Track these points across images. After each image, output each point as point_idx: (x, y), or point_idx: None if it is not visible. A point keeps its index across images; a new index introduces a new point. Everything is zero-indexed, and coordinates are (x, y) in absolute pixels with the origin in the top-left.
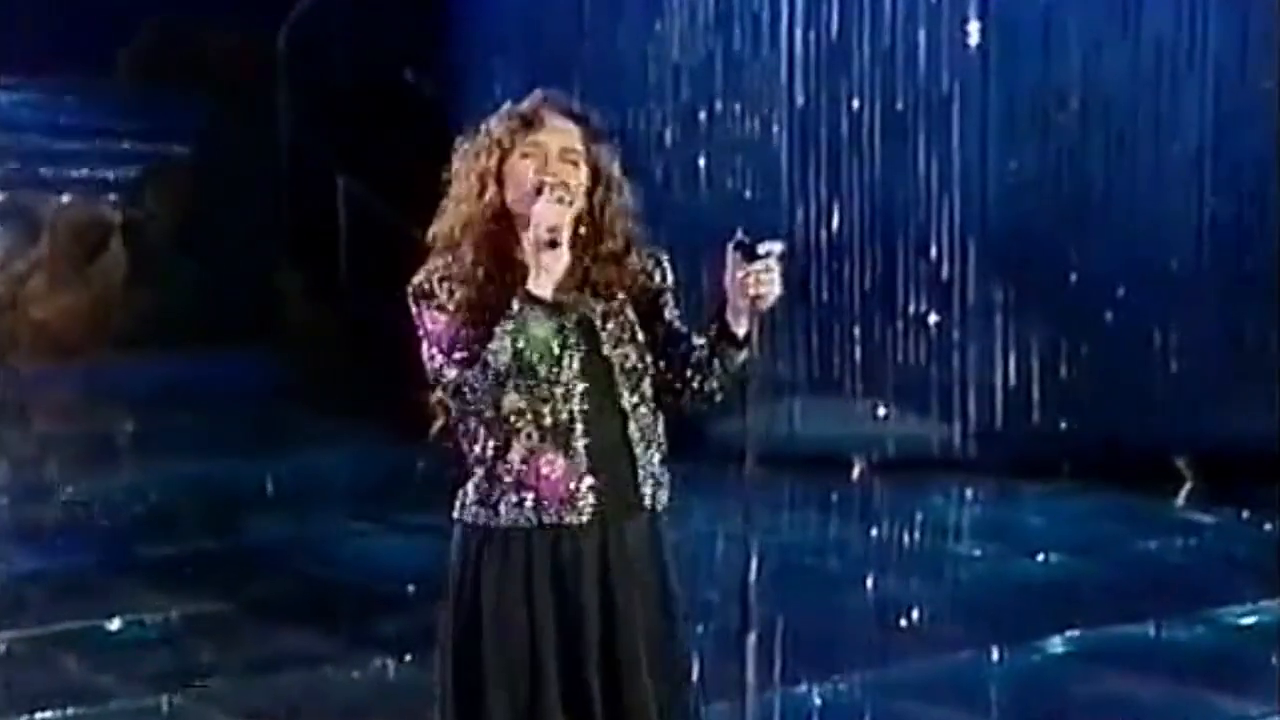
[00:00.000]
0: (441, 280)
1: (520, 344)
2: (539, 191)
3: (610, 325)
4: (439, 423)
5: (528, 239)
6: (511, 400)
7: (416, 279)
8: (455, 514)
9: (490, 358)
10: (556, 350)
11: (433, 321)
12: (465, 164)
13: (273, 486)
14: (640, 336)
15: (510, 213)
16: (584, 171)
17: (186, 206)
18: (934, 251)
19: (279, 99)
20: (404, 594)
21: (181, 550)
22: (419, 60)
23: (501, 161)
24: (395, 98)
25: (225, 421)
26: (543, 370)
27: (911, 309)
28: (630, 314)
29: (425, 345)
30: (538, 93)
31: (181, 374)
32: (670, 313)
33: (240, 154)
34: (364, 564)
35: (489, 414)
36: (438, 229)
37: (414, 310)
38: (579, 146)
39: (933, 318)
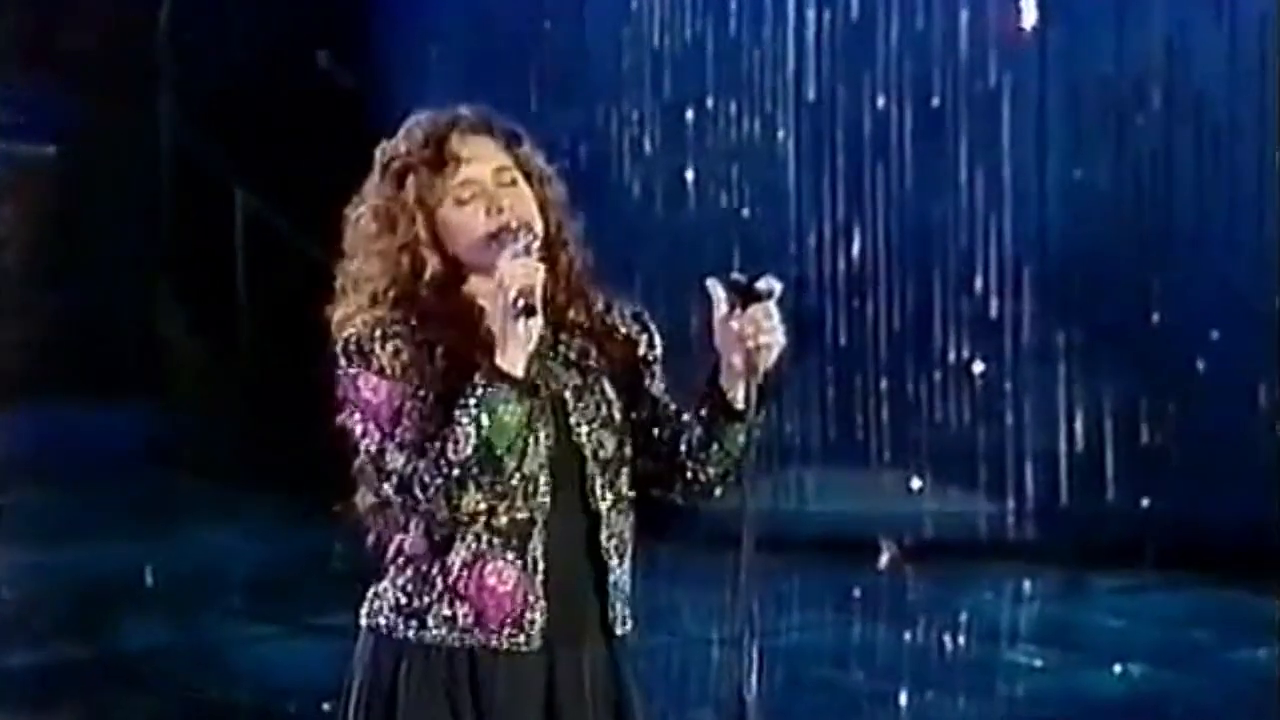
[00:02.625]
0: (385, 337)
1: (486, 433)
2: (495, 238)
3: (584, 403)
4: (365, 498)
5: (488, 297)
6: (471, 500)
7: (350, 331)
8: (364, 618)
9: (449, 449)
10: (526, 438)
11: (371, 390)
12: (371, 244)
13: (153, 577)
14: (618, 418)
15: (460, 261)
16: (524, 185)
17: (47, 225)
18: (979, 283)
19: (161, 92)
20: (316, 714)
21: (40, 660)
22: (336, 44)
23: (431, 220)
24: (306, 91)
25: (94, 494)
26: (510, 464)
27: (952, 355)
28: (608, 389)
29: (358, 418)
30: (423, 118)
31: (41, 433)
32: (656, 387)
33: (114, 160)
34: (267, 675)
35: (442, 515)
36: (342, 315)
37: (343, 372)
38: (506, 160)
39: (978, 366)
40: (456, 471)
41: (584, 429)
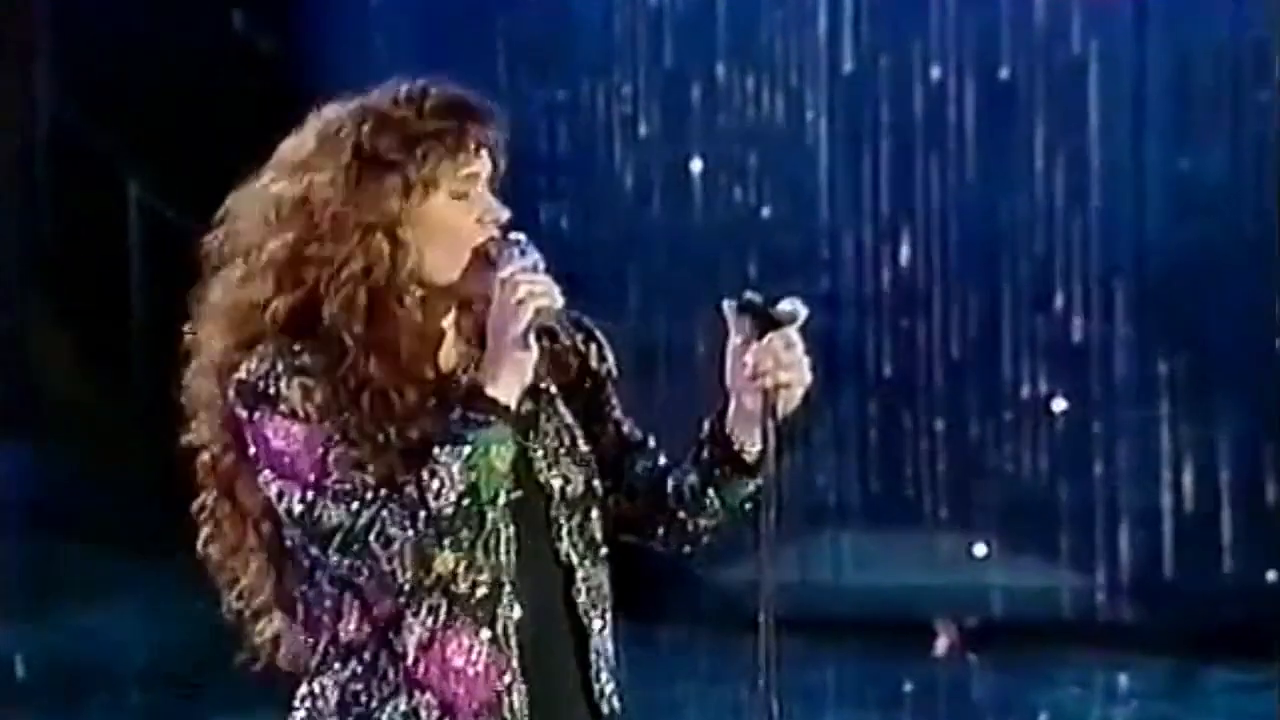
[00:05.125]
0: (292, 375)
1: (475, 476)
2: (487, 257)
3: (543, 431)
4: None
5: (455, 320)
6: (445, 561)
7: (246, 372)
8: None
9: (428, 497)
10: (508, 489)
11: (283, 436)
12: (336, 220)
13: (26, 667)
14: (583, 448)
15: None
16: None
17: None
18: (1059, 301)
19: (37, 64)
20: None
21: None
22: (254, 4)
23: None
24: (217, 61)
25: None
26: (491, 518)
27: (1025, 390)
28: (566, 414)
29: (268, 473)
30: (429, 86)
31: None
32: (616, 410)
33: None
34: None
35: (405, 579)
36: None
37: (245, 418)
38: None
39: (1058, 404)
40: (433, 527)
41: (546, 463)
